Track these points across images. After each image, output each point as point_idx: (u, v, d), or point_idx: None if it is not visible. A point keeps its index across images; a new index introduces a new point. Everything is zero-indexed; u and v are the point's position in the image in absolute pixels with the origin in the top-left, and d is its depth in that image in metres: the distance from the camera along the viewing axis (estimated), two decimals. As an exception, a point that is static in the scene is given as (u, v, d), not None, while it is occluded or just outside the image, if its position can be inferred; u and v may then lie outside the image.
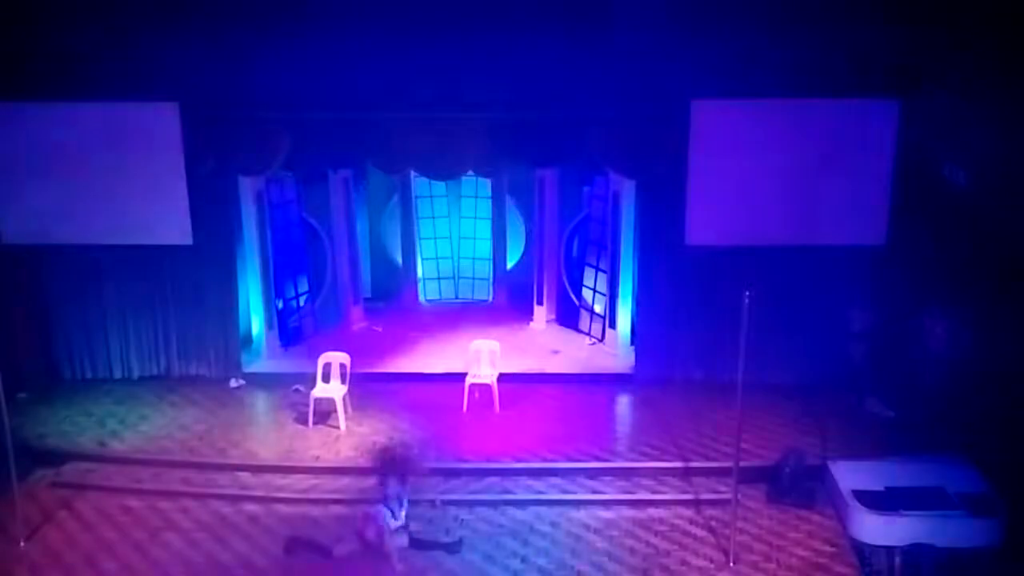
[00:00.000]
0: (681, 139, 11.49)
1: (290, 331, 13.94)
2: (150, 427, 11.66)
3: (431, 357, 13.45)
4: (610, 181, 13.17)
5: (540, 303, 14.63)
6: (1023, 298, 9.65)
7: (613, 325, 13.62)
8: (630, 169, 12.24)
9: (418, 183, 15.13)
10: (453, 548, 9.24)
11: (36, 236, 12.12)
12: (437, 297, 15.89)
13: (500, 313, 15.08)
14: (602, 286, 13.90)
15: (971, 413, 10.49)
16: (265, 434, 11.62)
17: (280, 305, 13.77)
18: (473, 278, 15.85)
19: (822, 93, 11.23)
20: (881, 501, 9.43)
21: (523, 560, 9.16)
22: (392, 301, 15.48)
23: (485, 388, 11.98)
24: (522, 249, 15.44)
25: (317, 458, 10.91)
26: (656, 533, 9.63)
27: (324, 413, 11.61)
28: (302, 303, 14.25)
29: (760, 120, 11.46)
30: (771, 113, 11.44)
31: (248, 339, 13.49)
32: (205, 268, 12.53)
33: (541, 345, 13.98)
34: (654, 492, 10.29)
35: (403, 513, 9.00)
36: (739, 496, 9.32)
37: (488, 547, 9.35)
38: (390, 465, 9.04)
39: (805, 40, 10.77)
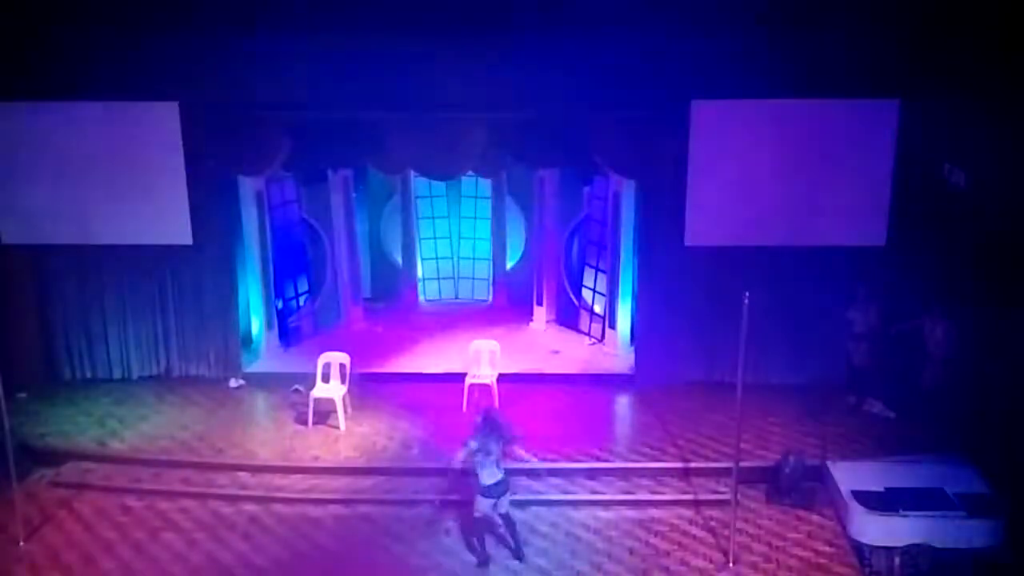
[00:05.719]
0: (681, 139, 11.50)
1: (290, 331, 13.93)
2: (150, 427, 11.66)
3: (431, 357, 13.44)
4: (610, 181, 13.15)
5: (540, 303, 14.62)
6: (1022, 298, 9.65)
7: (613, 325, 13.61)
8: (630, 169, 12.24)
9: (418, 183, 15.11)
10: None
11: (36, 236, 12.13)
12: (437, 297, 15.89)
13: (500, 313, 15.08)
14: (602, 286, 13.89)
15: (971, 413, 10.49)
16: (265, 434, 11.61)
17: (280, 305, 13.77)
18: (473, 278, 15.84)
19: (822, 93, 11.23)
20: (881, 501, 9.42)
21: (523, 560, 9.17)
22: (392, 301, 15.48)
23: (485, 388, 11.98)
24: (522, 249, 15.43)
25: (317, 458, 10.91)
26: (656, 533, 9.63)
27: (324, 413, 11.61)
28: (302, 303, 14.25)
29: (760, 120, 11.45)
30: (771, 113, 11.43)
31: (248, 339, 13.48)
32: (205, 268, 12.54)
33: (541, 345, 13.99)
34: (654, 492, 10.28)
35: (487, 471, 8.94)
36: (739, 496, 9.32)
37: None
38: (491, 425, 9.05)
39: (805, 40, 10.77)
